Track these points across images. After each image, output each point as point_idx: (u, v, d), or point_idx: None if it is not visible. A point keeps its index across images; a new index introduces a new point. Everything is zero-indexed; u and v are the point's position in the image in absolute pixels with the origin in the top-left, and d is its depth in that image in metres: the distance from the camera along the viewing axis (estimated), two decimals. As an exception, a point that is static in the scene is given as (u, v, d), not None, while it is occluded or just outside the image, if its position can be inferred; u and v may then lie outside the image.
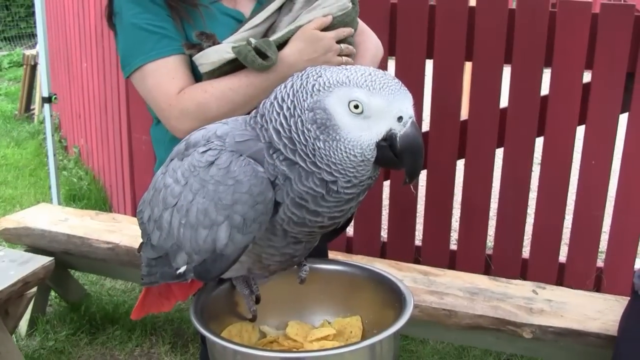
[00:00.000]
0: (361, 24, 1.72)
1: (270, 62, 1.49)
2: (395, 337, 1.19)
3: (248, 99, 1.51)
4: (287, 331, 1.32)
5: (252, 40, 1.49)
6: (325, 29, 1.56)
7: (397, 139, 1.08)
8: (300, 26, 1.55)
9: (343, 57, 1.58)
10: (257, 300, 1.31)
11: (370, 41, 1.75)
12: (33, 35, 10.61)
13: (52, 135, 3.88)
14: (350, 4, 1.60)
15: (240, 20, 1.61)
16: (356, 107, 1.07)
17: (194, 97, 1.49)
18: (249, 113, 1.25)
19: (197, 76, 1.56)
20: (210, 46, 1.51)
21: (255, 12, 1.60)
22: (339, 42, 1.57)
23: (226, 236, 1.12)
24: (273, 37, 1.54)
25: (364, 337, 1.32)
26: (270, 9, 1.59)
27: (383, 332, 1.15)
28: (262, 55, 1.48)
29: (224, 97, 1.49)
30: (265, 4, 1.61)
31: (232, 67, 1.51)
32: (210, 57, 1.50)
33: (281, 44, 1.54)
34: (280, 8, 1.60)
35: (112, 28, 1.60)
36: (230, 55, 1.49)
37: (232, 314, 1.33)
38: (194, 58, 1.53)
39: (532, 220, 3.13)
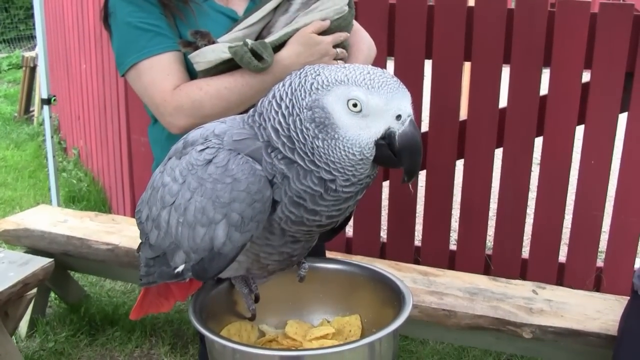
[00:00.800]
0: (355, 24, 1.72)
1: (265, 64, 1.49)
2: (395, 335, 1.18)
3: (243, 98, 1.51)
4: (286, 330, 1.32)
5: (249, 42, 1.50)
6: (322, 32, 1.56)
7: (396, 137, 1.08)
8: (297, 29, 1.55)
9: (338, 61, 1.59)
10: (256, 299, 1.30)
11: (363, 42, 1.76)
12: (32, 37, 10.63)
13: (52, 137, 3.88)
14: (346, 8, 1.61)
15: (233, 18, 1.62)
16: (355, 105, 1.07)
17: (189, 94, 1.50)
18: (243, 113, 1.25)
19: (192, 74, 1.56)
20: (205, 45, 1.51)
21: (249, 11, 1.61)
22: (334, 46, 1.58)
23: (224, 234, 1.12)
24: (270, 39, 1.54)
25: (363, 336, 1.31)
26: (266, 8, 1.59)
27: (382, 330, 1.14)
28: (258, 56, 1.49)
29: (219, 95, 1.50)
30: (259, 3, 1.61)
31: (227, 66, 1.52)
32: (207, 56, 1.51)
33: (278, 46, 1.54)
34: (276, 8, 1.60)
35: (108, 29, 1.61)
36: (227, 55, 1.49)
37: (231, 313, 1.33)
38: (190, 56, 1.53)
39: (532, 220, 3.13)
